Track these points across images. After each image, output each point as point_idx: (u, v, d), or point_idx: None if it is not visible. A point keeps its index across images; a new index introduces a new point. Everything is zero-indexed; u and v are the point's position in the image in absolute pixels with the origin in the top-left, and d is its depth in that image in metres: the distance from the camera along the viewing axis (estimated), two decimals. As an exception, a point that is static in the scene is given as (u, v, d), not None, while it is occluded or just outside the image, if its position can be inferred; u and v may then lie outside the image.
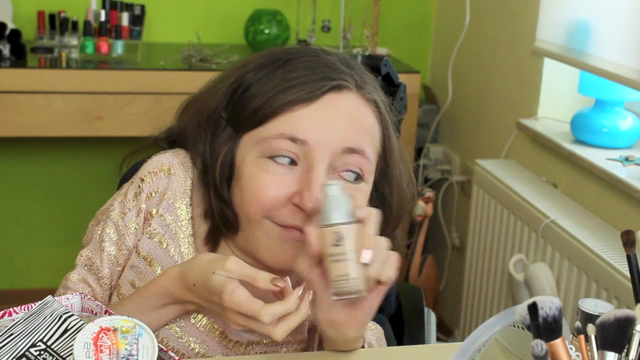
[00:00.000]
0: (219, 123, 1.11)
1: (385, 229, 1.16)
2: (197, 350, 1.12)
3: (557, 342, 0.76)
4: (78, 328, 0.94)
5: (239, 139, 1.09)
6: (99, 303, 1.00)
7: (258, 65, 1.10)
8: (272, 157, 1.05)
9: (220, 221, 1.11)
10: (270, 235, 1.06)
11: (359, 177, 1.08)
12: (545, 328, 0.76)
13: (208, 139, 1.11)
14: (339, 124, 1.06)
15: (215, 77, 1.17)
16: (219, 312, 1.01)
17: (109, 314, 0.98)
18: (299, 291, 0.98)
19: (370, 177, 1.10)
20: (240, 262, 0.99)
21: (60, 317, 0.95)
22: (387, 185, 1.14)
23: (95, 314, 0.99)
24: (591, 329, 0.81)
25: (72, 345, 0.91)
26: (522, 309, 0.77)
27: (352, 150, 1.06)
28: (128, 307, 1.06)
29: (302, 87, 1.06)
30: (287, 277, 1.00)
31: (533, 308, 0.76)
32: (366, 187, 1.10)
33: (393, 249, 1.23)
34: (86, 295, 1.03)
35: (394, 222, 1.18)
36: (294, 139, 1.04)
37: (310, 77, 1.07)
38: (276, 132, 1.05)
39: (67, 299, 1.03)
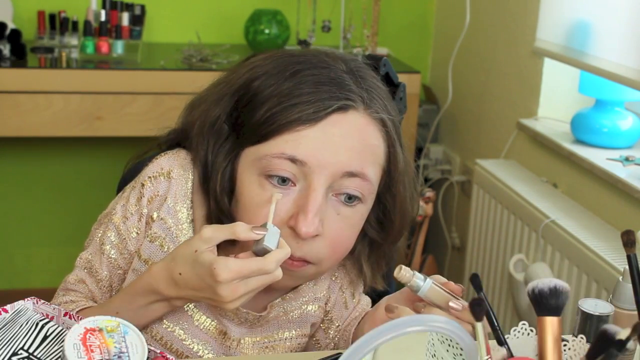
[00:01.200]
0: (222, 131, 1.09)
1: (385, 241, 1.17)
2: (200, 352, 1.12)
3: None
4: (58, 334, 0.94)
5: (241, 151, 1.07)
6: (55, 306, 0.99)
7: (265, 73, 1.08)
8: (269, 177, 1.03)
9: None
10: None
11: (355, 198, 1.06)
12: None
13: (210, 147, 1.10)
14: (341, 147, 1.04)
15: (221, 77, 1.16)
16: (210, 297, 0.99)
17: (69, 317, 0.97)
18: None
19: (370, 197, 1.09)
20: (213, 227, 0.98)
21: (37, 324, 0.95)
22: (390, 199, 1.13)
23: (52, 317, 0.98)
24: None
25: (55, 352, 0.91)
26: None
27: (352, 174, 1.04)
28: (115, 305, 1.06)
29: (307, 106, 1.03)
30: (267, 223, 0.99)
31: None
32: (364, 208, 1.09)
33: (393, 258, 1.24)
34: (39, 300, 1.00)
35: (396, 234, 1.17)
36: (294, 160, 1.02)
37: (316, 95, 1.04)
38: (277, 151, 1.03)
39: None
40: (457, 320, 0.95)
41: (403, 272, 0.99)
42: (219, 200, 1.08)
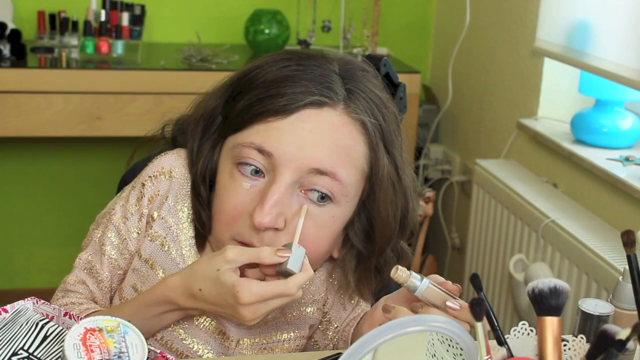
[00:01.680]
0: (212, 123, 1.11)
1: (373, 250, 1.14)
2: (200, 352, 1.12)
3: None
4: (58, 334, 0.94)
5: (224, 141, 1.09)
6: (55, 306, 0.99)
7: (259, 67, 1.09)
8: (240, 165, 1.04)
9: (198, 222, 1.11)
10: None
11: (326, 198, 1.05)
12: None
13: (198, 136, 1.11)
14: (309, 142, 1.02)
15: (229, 75, 1.16)
16: (230, 314, 1.00)
17: (69, 317, 0.97)
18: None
19: (344, 200, 1.06)
20: (237, 249, 0.98)
21: (37, 324, 0.95)
22: (372, 208, 1.10)
23: (52, 317, 0.98)
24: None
25: (55, 352, 0.91)
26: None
27: (320, 172, 1.03)
28: (127, 312, 1.06)
29: (281, 99, 1.03)
30: (293, 243, 0.99)
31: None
32: (337, 210, 1.06)
33: (403, 257, 1.22)
34: (39, 300, 1.00)
35: (380, 244, 1.13)
36: (261, 150, 1.03)
37: (292, 88, 1.04)
38: (247, 140, 1.04)
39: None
40: (455, 320, 0.95)
41: (400, 273, 0.98)
42: (195, 188, 1.09)
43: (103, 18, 2.39)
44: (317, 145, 1.03)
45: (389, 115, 1.09)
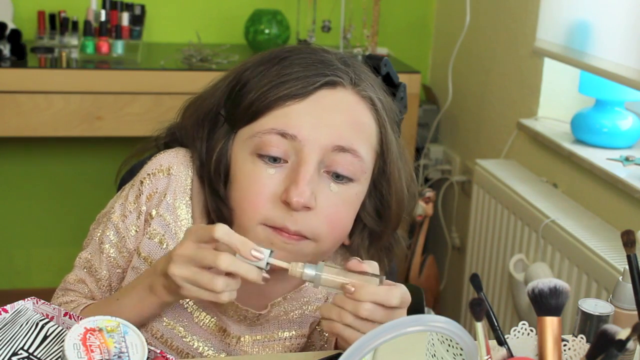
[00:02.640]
0: (217, 120, 1.11)
1: (386, 229, 1.16)
2: (201, 349, 1.12)
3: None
4: (58, 334, 0.94)
5: (234, 134, 1.09)
6: (55, 306, 0.99)
7: (256, 63, 1.11)
8: (261, 156, 1.05)
9: (215, 217, 1.11)
10: (259, 237, 1.05)
11: (348, 177, 1.07)
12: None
13: (205, 136, 1.11)
14: (331, 121, 1.05)
15: (218, 77, 1.18)
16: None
17: (69, 317, 0.97)
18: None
19: (363, 177, 1.09)
20: (226, 228, 0.95)
21: (37, 324, 0.95)
22: (385, 184, 1.13)
23: (52, 317, 0.98)
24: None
25: (55, 351, 0.91)
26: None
27: (343, 149, 1.05)
28: (116, 294, 1.07)
29: (295, 83, 1.05)
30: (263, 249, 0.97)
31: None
32: (358, 187, 1.09)
33: (396, 251, 1.23)
34: (39, 300, 1.01)
35: (394, 222, 1.17)
36: (284, 134, 1.04)
37: (304, 72, 1.06)
38: (267, 127, 1.05)
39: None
40: (359, 287, 0.93)
41: (293, 268, 0.95)
42: (213, 184, 1.09)
43: (103, 18, 2.39)
44: (337, 123, 1.05)
45: (384, 94, 1.13)
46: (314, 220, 1.05)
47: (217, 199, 1.10)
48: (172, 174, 1.13)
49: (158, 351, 0.94)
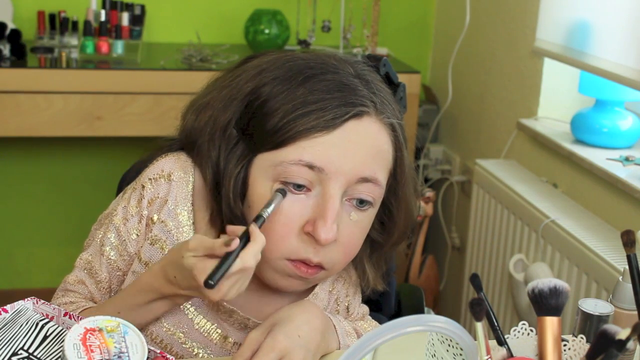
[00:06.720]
0: (232, 136, 1.09)
1: (387, 242, 1.17)
2: (201, 355, 1.12)
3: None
4: (58, 334, 0.94)
5: (254, 157, 1.07)
6: (55, 306, 0.99)
7: (275, 79, 1.07)
8: (285, 183, 1.04)
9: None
10: (277, 269, 1.07)
11: (368, 202, 1.08)
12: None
13: (222, 153, 1.09)
14: (357, 153, 1.05)
15: (223, 80, 1.14)
16: (202, 296, 1.00)
17: (69, 317, 0.97)
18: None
19: (379, 201, 1.11)
20: (199, 239, 0.97)
21: (37, 324, 0.95)
22: (395, 202, 1.15)
23: (52, 317, 0.98)
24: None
25: (55, 351, 0.91)
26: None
27: (366, 180, 1.06)
28: (117, 304, 1.06)
29: (324, 114, 1.04)
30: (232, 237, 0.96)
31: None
32: (373, 212, 1.10)
33: (392, 257, 1.24)
34: (39, 300, 1.01)
35: (398, 238, 1.18)
36: (311, 166, 1.03)
37: (331, 102, 1.04)
38: (294, 158, 1.03)
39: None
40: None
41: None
42: (232, 206, 1.08)
43: (103, 18, 2.39)
44: (362, 155, 1.05)
45: (399, 109, 1.13)
46: (334, 251, 1.06)
47: (234, 219, 1.09)
48: (173, 180, 1.12)
49: (158, 351, 0.94)
